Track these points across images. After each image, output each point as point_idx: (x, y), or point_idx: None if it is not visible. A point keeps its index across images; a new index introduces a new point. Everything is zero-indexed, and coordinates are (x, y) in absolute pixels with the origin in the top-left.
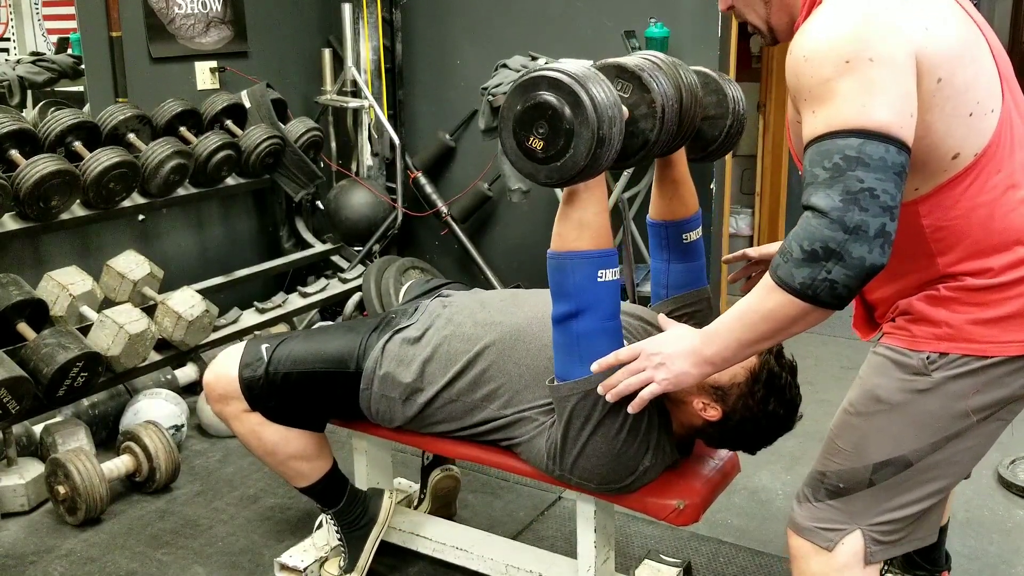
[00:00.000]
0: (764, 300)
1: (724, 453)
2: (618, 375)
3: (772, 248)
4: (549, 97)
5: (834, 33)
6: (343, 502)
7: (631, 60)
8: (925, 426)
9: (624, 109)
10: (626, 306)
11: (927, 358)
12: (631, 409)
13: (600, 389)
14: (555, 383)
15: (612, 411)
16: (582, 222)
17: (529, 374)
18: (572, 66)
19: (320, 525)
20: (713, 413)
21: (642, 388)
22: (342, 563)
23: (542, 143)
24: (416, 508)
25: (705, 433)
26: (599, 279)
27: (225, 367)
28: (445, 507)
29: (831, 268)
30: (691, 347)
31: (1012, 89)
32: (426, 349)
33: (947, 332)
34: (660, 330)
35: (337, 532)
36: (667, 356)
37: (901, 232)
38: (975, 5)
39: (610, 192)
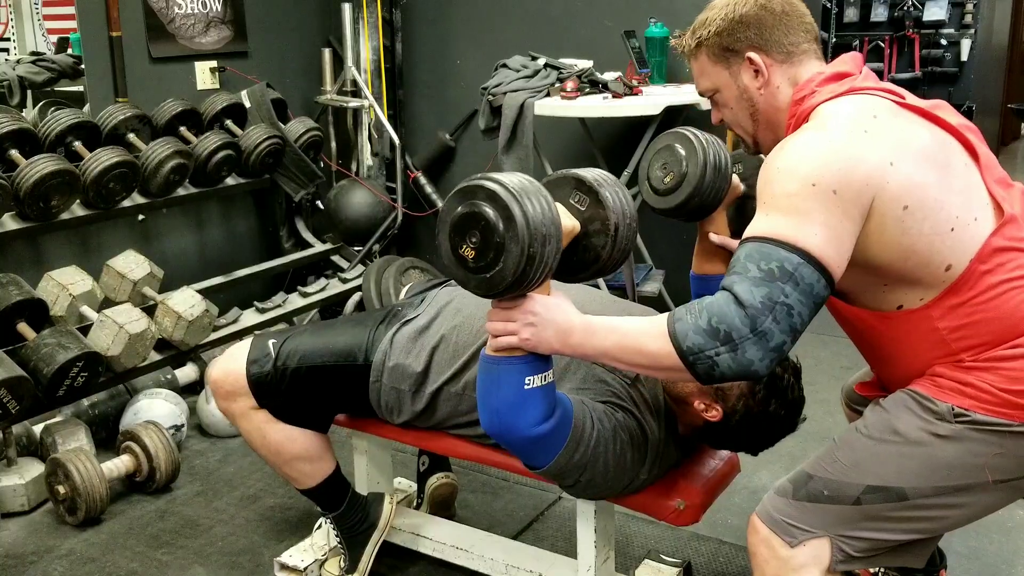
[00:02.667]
0: (650, 341)
1: (724, 453)
2: (494, 314)
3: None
4: (485, 208)
5: (808, 157)
6: (344, 507)
7: (590, 173)
8: (935, 470)
9: (574, 225)
10: (624, 304)
11: (952, 409)
12: (487, 350)
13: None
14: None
15: (590, 467)
16: None
17: None
18: (512, 179)
19: (320, 525)
20: (714, 414)
21: (504, 334)
22: (342, 563)
23: (473, 252)
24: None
25: (706, 434)
26: (526, 386)
27: (232, 363)
28: (443, 512)
29: (721, 352)
30: (566, 325)
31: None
32: (434, 337)
33: (974, 392)
34: None
35: (337, 536)
36: (541, 320)
37: (920, 339)
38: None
39: None
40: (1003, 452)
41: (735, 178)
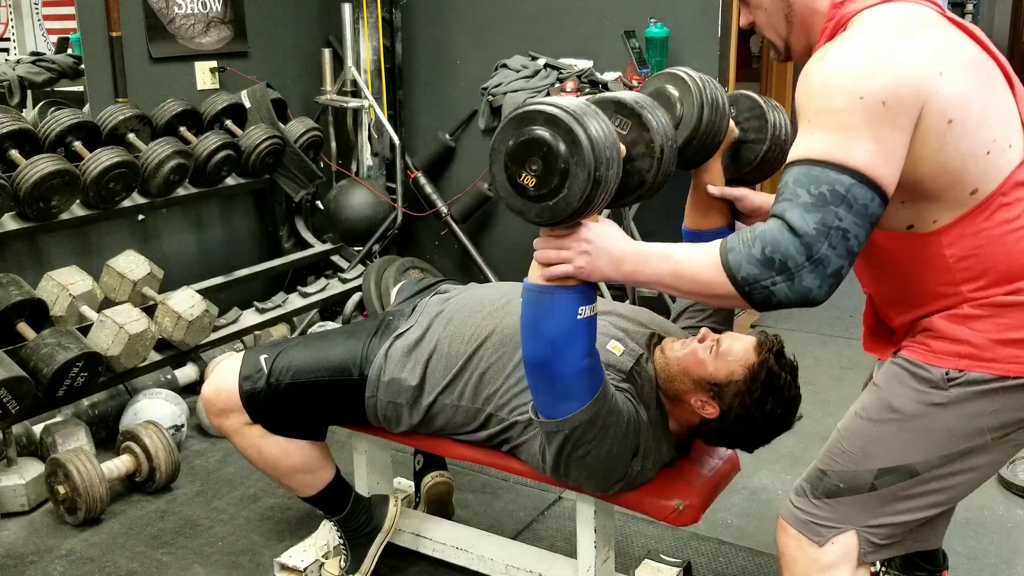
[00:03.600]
0: (703, 269)
1: (724, 453)
2: (544, 243)
3: (756, 198)
4: (544, 133)
5: (851, 67)
6: (347, 510)
7: (629, 96)
8: (937, 440)
9: (621, 147)
10: (623, 308)
11: (946, 374)
12: (533, 279)
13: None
14: (539, 417)
15: (599, 438)
16: None
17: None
18: (570, 102)
19: (324, 524)
20: (711, 411)
21: (558, 263)
22: (342, 563)
23: (534, 180)
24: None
25: (703, 431)
26: (579, 316)
27: (224, 380)
28: (440, 509)
29: (777, 282)
30: (619, 253)
31: None
32: (427, 350)
33: (968, 350)
34: (654, 332)
35: (341, 538)
36: (594, 247)
37: (924, 263)
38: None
39: None
40: (998, 409)
41: (731, 123)
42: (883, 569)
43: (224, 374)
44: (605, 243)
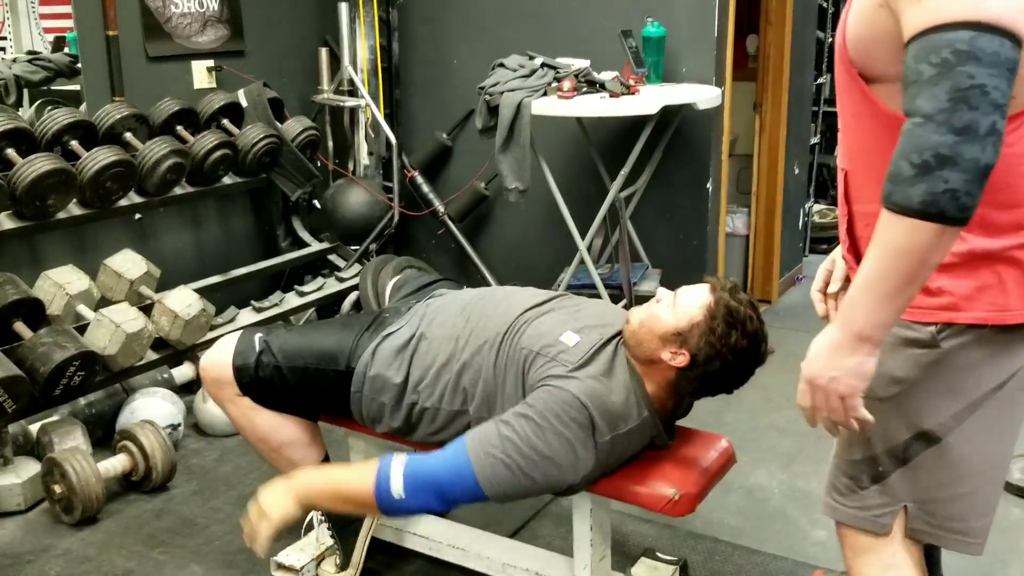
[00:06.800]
0: (888, 239)
1: (719, 444)
2: (813, 418)
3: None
4: None
5: None
6: None
7: None
8: (943, 399)
9: None
10: (593, 307)
11: (936, 329)
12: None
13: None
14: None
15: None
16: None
17: (505, 380)
18: None
19: (310, 526)
20: (682, 359)
21: (849, 414)
22: (338, 561)
23: None
24: None
25: (682, 384)
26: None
27: (220, 353)
28: None
29: (947, 176)
30: (835, 340)
31: None
32: (411, 349)
33: (950, 302)
34: (615, 329)
35: (329, 530)
36: (827, 369)
37: None
38: None
39: (607, 192)
40: (988, 360)
41: None
42: None
43: (221, 347)
44: (825, 359)
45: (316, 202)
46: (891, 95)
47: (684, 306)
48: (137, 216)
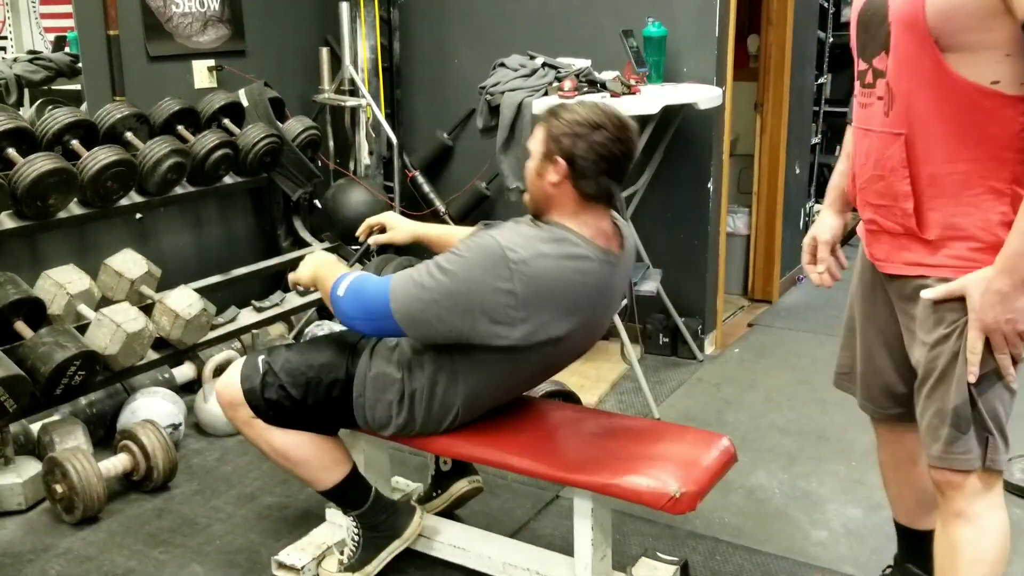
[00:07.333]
0: None
1: (720, 443)
2: (991, 360)
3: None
4: None
5: None
6: (367, 506)
7: None
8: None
9: None
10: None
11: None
12: None
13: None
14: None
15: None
16: None
17: (497, 378)
18: None
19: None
20: (561, 166)
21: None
22: (343, 558)
23: None
24: (423, 504)
25: (581, 188)
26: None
27: (232, 377)
28: (455, 508)
29: None
30: (1004, 289)
31: None
32: (408, 345)
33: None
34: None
35: (356, 533)
36: (1004, 313)
37: (992, 126)
38: None
39: None
40: None
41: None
42: (887, 568)
43: (233, 371)
44: (994, 296)
45: (317, 202)
46: (963, 62)
47: (532, 145)
48: (138, 216)
